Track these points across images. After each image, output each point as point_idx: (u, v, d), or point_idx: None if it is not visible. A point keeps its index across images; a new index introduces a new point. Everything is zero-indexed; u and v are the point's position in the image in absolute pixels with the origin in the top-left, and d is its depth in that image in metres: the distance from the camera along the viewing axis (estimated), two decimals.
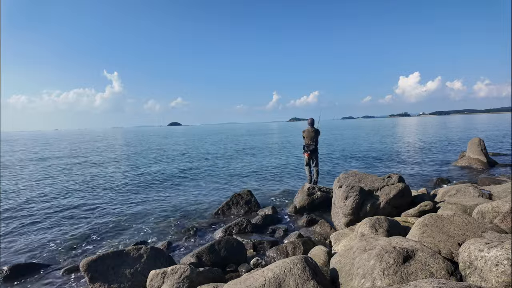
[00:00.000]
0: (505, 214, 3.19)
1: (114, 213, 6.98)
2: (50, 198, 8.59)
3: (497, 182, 7.28)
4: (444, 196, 5.58)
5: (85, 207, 7.53)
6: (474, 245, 2.30)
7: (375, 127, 64.80)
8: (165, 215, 6.71)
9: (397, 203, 4.98)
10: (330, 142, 25.36)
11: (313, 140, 7.50)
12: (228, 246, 4.15)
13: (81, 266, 3.50)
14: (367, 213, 4.81)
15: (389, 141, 24.34)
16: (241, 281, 2.62)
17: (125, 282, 3.51)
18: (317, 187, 6.86)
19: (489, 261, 2.09)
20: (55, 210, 7.40)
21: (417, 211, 4.59)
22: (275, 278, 2.46)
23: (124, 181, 10.92)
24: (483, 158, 10.75)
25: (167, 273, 3.23)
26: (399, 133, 36.22)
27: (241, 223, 5.47)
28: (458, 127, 46.53)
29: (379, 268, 2.42)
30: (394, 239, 2.81)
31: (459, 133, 31.59)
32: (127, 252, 3.75)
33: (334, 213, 5.48)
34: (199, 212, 6.88)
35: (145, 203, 7.81)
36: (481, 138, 11.43)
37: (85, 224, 6.29)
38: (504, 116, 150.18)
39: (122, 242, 5.28)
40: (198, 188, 9.37)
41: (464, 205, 4.37)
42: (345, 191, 5.03)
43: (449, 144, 20.06)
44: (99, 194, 8.97)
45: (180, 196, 8.41)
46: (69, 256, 4.81)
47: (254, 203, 6.95)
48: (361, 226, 3.86)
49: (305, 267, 2.52)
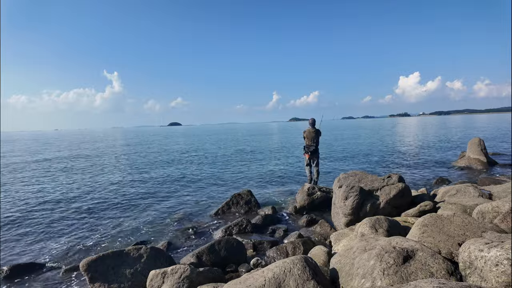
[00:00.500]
0: (505, 214, 3.19)
1: (114, 213, 6.98)
2: (50, 199, 8.59)
3: (497, 182, 7.28)
4: (444, 196, 5.58)
5: (85, 207, 7.53)
6: (474, 245, 2.30)
7: (375, 127, 64.80)
8: (165, 215, 6.72)
9: (397, 203, 4.98)
10: (330, 142, 25.35)
11: (313, 140, 7.48)
12: (228, 246, 4.15)
13: (81, 266, 3.50)
14: (367, 213, 4.81)
15: (389, 141, 24.35)
16: (241, 281, 2.62)
17: (125, 282, 3.51)
18: (317, 187, 6.86)
19: (489, 261, 2.09)
20: (55, 210, 7.40)
21: (417, 211, 4.58)
22: (275, 278, 2.46)
23: (124, 181, 10.92)
24: (483, 158, 10.75)
25: (167, 273, 3.23)
26: (399, 133, 36.22)
27: (241, 223, 5.47)
28: (458, 127, 46.53)
29: (379, 268, 2.42)
30: (394, 239, 2.81)
31: (459, 133, 31.58)
32: (127, 252, 3.75)
33: (334, 213, 5.48)
34: (199, 212, 6.88)
35: (145, 203, 7.81)
36: (481, 138, 11.43)
37: (85, 224, 6.29)
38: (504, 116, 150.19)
39: (122, 242, 5.28)
40: (198, 188, 9.37)
41: (464, 205, 4.37)
42: (345, 191, 5.03)
43: (449, 144, 20.06)
44: (99, 194, 8.97)
45: (180, 196, 8.41)
46: (69, 256, 4.81)
47: (254, 203, 6.95)
48: (361, 226, 3.86)
49: (305, 267, 2.52)
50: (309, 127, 7.66)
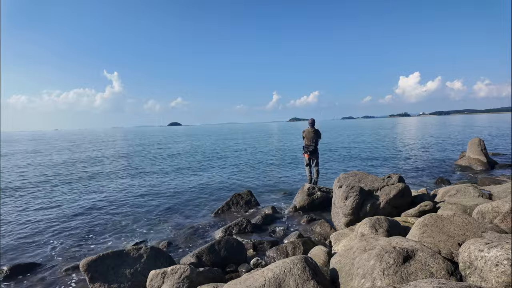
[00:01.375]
0: (505, 214, 3.19)
1: (114, 213, 6.98)
2: (50, 199, 8.59)
3: (497, 182, 7.28)
4: (444, 196, 5.58)
5: (85, 207, 7.53)
6: (474, 245, 2.30)
7: (375, 127, 64.81)
8: (165, 215, 6.72)
9: (397, 203, 4.98)
10: (330, 142, 25.35)
11: (312, 140, 7.48)
12: (228, 246, 4.15)
13: (81, 266, 3.50)
14: (367, 213, 4.81)
15: (389, 141, 24.35)
16: (241, 281, 2.62)
17: (125, 282, 3.51)
18: (317, 187, 6.86)
19: (489, 261, 2.09)
20: (55, 210, 7.41)
21: (417, 211, 4.58)
22: (275, 278, 2.46)
23: (124, 181, 10.92)
24: (483, 158, 10.75)
25: (167, 273, 3.23)
26: (399, 133, 36.23)
27: (241, 223, 5.47)
28: (458, 127, 46.53)
29: (379, 268, 2.42)
30: (394, 239, 2.81)
31: (459, 133, 31.58)
32: (127, 252, 3.75)
33: (334, 213, 5.47)
34: (199, 212, 6.88)
35: (145, 203, 7.81)
36: (481, 138, 11.43)
37: (85, 224, 6.29)
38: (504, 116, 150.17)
39: (122, 242, 5.28)
40: (198, 188, 9.36)
41: (464, 205, 4.37)
42: (345, 191, 5.03)
43: (449, 144, 20.06)
44: (99, 194, 8.97)
45: (180, 196, 8.41)
46: (69, 256, 4.81)
47: (254, 203, 6.96)
48: (361, 226, 3.86)
49: (305, 267, 2.52)
50: (308, 127, 7.66)
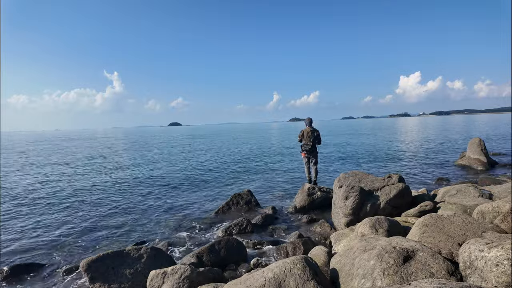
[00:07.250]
0: (505, 214, 3.19)
1: (114, 214, 6.98)
2: (50, 199, 8.59)
3: (497, 182, 7.28)
4: (444, 196, 5.58)
5: (85, 208, 7.53)
6: (474, 245, 2.29)
7: (375, 127, 64.80)
8: (165, 215, 6.72)
9: (397, 203, 4.98)
10: (330, 142, 25.35)
11: (310, 139, 7.48)
12: (228, 246, 4.15)
13: (81, 266, 3.50)
14: (367, 213, 4.81)
15: (389, 141, 24.34)
16: (241, 281, 2.62)
17: (125, 282, 3.51)
18: (317, 187, 6.86)
19: (489, 261, 2.09)
20: (56, 210, 7.41)
21: (417, 211, 4.58)
22: (275, 278, 2.46)
23: (124, 181, 10.92)
24: (483, 158, 10.74)
25: (167, 273, 3.23)
26: (399, 133, 36.22)
27: (241, 223, 5.47)
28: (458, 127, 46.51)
29: (379, 268, 2.42)
30: (394, 239, 2.81)
31: (459, 133, 31.58)
32: (127, 252, 3.75)
33: (334, 213, 5.47)
34: (199, 212, 6.88)
35: (145, 203, 7.81)
36: (481, 138, 11.42)
37: (85, 224, 6.29)
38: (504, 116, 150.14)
39: (122, 242, 5.28)
40: (198, 188, 9.37)
41: (464, 205, 4.36)
42: (345, 191, 5.03)
43: (449, 144, 20.05)
44: (99, 194, 8.97)
45: (180, 196, 8.41)
46: (69, 256, 4.81)
47: (254, 203, 6.95)
48: (361, 226, 3.86)
49: (305, 267, 2.52)
50: (306, 127, 7.66)
